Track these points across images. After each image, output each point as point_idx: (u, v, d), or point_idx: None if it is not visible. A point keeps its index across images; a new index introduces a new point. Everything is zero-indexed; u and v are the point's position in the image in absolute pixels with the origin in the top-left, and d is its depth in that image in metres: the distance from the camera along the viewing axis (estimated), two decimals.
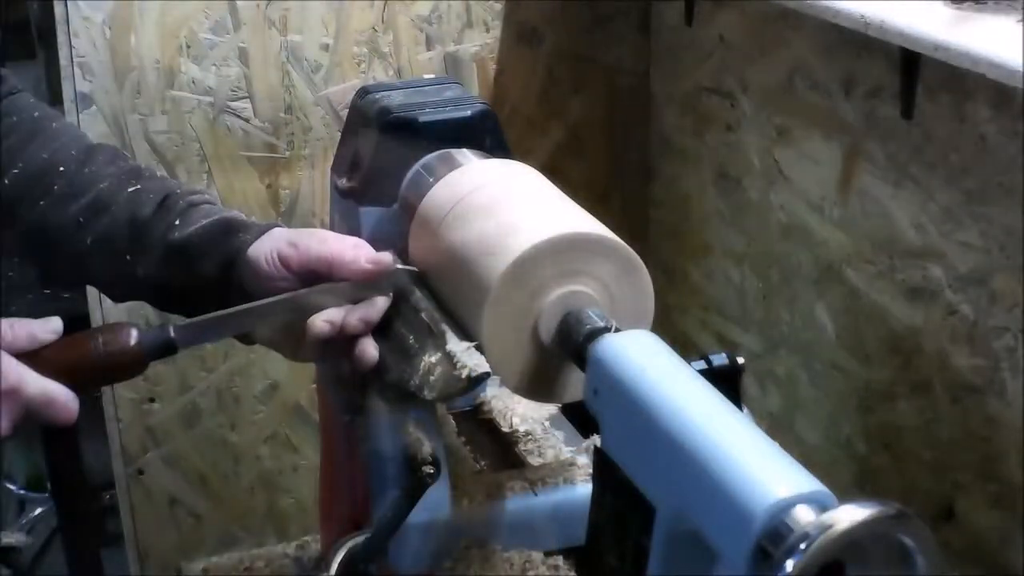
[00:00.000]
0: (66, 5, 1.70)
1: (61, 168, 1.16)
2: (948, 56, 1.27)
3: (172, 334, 1.03)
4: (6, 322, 0.98)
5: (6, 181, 1.14)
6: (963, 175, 1.42)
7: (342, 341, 1.09)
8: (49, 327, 1.00)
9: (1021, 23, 1.29)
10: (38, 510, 2.54)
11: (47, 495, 2.45)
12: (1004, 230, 1.38)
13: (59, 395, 0.97)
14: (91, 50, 1.73)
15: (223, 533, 2.02)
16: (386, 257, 1.10)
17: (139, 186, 1.16)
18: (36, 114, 1.20)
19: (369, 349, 1.08)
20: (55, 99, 1.69)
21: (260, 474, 2.00)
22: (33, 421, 0.97)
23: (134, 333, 1.01)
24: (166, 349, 1.03)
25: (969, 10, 1.35)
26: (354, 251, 1.09)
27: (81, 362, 0.99)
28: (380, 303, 1.10)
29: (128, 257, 1.14)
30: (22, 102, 1.21)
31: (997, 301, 1.41)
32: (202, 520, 2.00)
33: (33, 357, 0.98)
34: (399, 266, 1.11)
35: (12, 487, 2.59)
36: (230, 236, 1.13)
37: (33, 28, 1.98)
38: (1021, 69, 1.19)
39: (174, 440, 1.94)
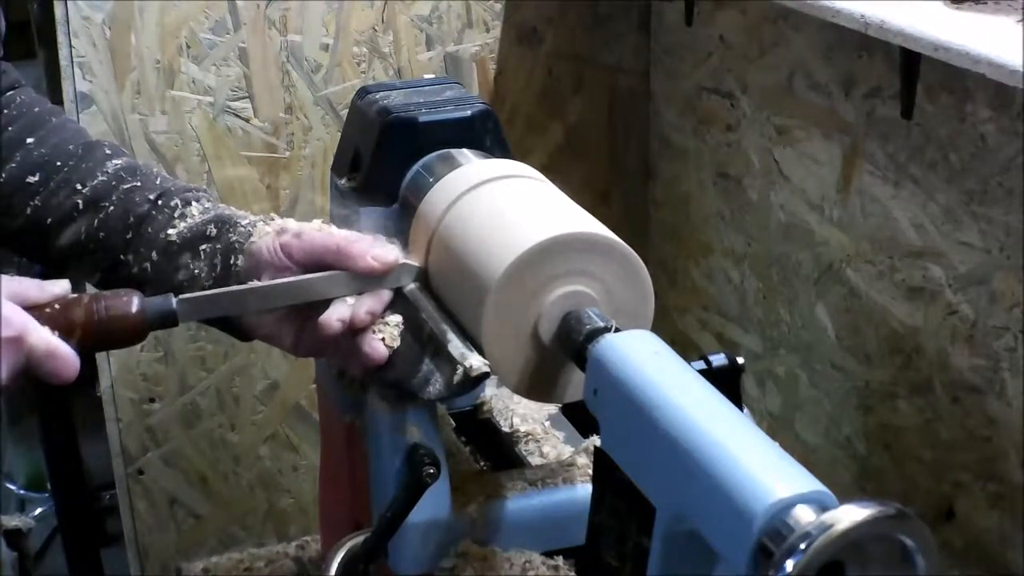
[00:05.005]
0: (66, 5, 1.70)
1: (58, 163, 1.15)
2: (948, 56, 1.27)
3: (174, 305, 1.03)
4: (13, 278, 0.98)
5: (3, 174, 1.14)
6: (963, 175, 1.42)
7: (347, 339, 1.09)
8: (58, 284, 1.00)
9: (1021, 23, 1.29)
10: (38, 510, 2.53)
11: (47, 495, 2.44)
12: (1004, 230, 1.38)
13: (62, 349, 0.96)
14: (91, 50, 1.73)
15: (223, 533, 2.02)
16: (392, 253, 1.10)
17: (136, 183, 1.15)
18: (36, 109, 1.20)
19: (379, 346, 1.08)
20: (55, 99, 1.69)
21: (260, 474, 2.00)
22: (33, 375, 0.96)
23: (136, 300, 1.01)
24: (168, 320, 1.03)
25: (969, 10, 1.35)
26: (361, 244, 1.09)
27: (83, 323, 0.99)
28: (385, 296, 1.09)
29: (123, 256, 1.14)
30: (24, 96, 1.21)
31: (997, 301, 1.41)
32: (202, 520, 2.00)
33: (35, 314, 0.97)
34: (404, 261, 1.11)
35: (12, 487, 2.58)
36: (227, 231, 1.13)
37: (33, 28, 1.98)
38: (1021, 69, 1.19)
39: (174, 440, 1.94)
